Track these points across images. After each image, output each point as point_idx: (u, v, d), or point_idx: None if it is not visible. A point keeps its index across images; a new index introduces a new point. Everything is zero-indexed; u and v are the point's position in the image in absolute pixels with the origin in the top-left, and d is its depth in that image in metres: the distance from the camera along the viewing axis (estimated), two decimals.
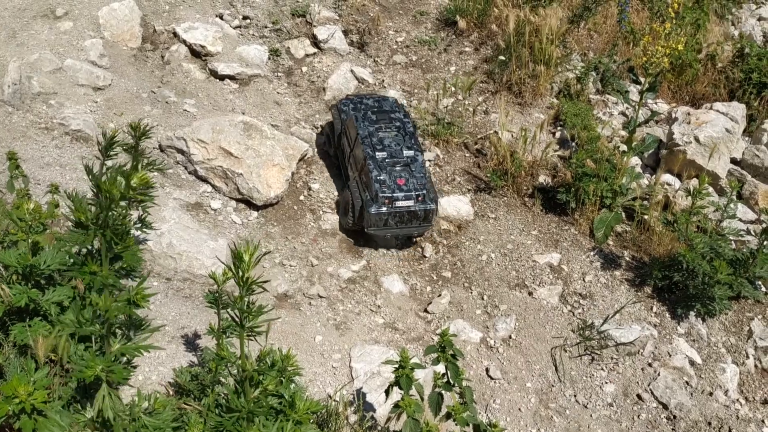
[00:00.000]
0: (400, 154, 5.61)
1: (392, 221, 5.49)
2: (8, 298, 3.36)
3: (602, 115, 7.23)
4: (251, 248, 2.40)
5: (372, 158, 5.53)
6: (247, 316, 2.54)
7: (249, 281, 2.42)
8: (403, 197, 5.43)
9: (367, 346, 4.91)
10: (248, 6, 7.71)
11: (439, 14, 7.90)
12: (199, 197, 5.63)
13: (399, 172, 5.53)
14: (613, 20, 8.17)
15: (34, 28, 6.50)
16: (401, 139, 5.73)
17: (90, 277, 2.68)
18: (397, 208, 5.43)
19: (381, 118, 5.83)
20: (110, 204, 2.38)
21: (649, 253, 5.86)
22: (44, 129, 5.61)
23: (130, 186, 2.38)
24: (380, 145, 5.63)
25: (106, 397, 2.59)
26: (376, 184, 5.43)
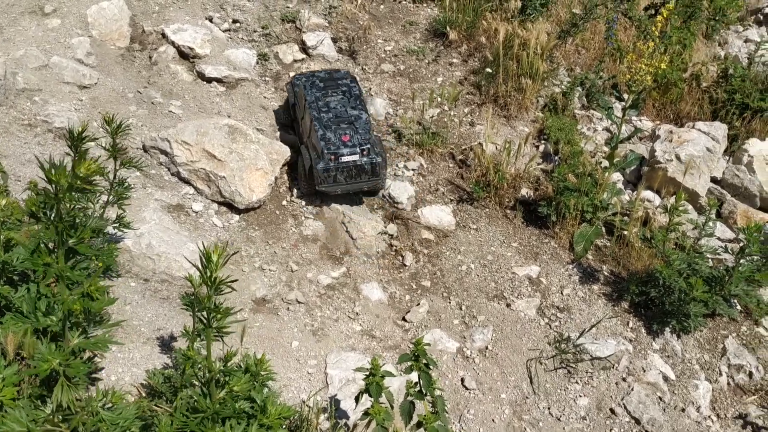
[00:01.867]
0: (345, 114, 5.91)
1: (341, 177, 5.72)
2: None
3: (586, 130, 7.29)
4: (219, 249, 2.41)
5: (317, 119, 5.83)
6: (215, 317, 2.54)
7: (217, 281, 2.43)
8: (348, 152, 5.68)
9: (344, 353, 4.91)
10: (238, 10, 7.73)
11: (428, 25, 7.95)
12: (181, 199, 5.63)
13: (344, 129, 5.79)
14: (601, 37, 8.25)
15: (21, 24, 6.48)
16: (347, 101, 6.04)
17: (44, 268, 2.66)
18: (343, 163, 5.66)
19: (329, 86, 6.16)
20: (58, 194, 2.36)
21: (627, 269, 5.91)
22: (27, 125, 5.59)
23: (77, 175, 2.36)
24: (326, 107, 5.95)
25: (64, 390, 2.58)
26: (322, 142, 5.68)
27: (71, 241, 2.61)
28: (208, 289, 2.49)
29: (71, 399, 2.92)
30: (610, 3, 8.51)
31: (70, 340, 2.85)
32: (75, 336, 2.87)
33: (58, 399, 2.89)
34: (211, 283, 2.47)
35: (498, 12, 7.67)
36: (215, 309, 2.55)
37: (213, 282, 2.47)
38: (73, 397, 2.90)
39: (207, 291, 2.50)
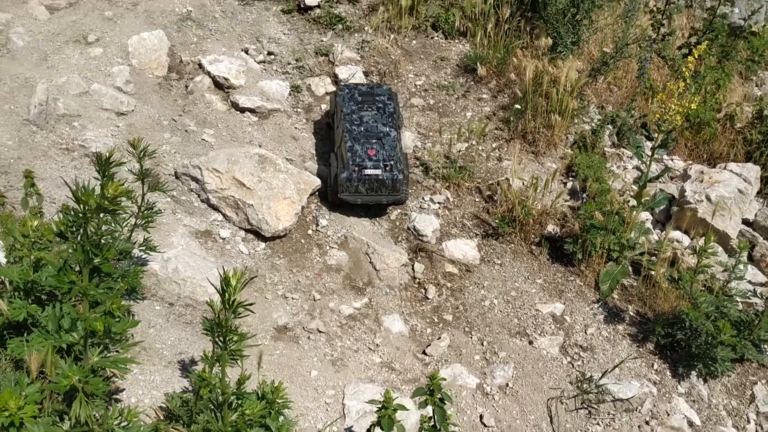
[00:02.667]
0: (375, 129, 6.17)
1: (362, 188, 5.99)
2: (7, 313, 3.44)
3: (616, 168, 7.25)
4: (239, 274, 2.47)
5: (349, 131, 6.11)
6: (231, 339, 2.58)
7: (235, 304, 2.48)
8: (371, 166, 5.96)
9: (362, 384, 4.91)
10: (274, 42, 7.92)
11: (459, 61, 8.03)
12: (210, 225, 5.73)
13: (372, 144, 6.05)
14: (634, 75, 8.25)
15: (65, 52, 6.74)
16: (379, 117, 6.28)
17: (69, 285, 2.74)
18: (365, 176, 5.94)
19: (366, 100, 6.41)
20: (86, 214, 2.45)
21: (653, 309, 5.82)
22: (65, 150, 5.78)
23: (105, 196, 2.45)
24: (359, 121, 6.21)
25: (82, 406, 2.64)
26: (348, 153, 5.97)
27: (96, 261, 2.70)
28: (226, 312, 2.54)
29: (89, 415, 2.98)
30: (643, 42, 8.51)
31: (90, 358, 2.91)
32: (95, 354, 2.94)
33: (76, 414, 2.95)
34: (229, 306, 2.52)
35: (528, 49, 7.72)
36: (232, 332, 2.59)
37: (231, 305, 2.51)
38: (90, 413, 2.96)
39: (225, 314, 2.55)
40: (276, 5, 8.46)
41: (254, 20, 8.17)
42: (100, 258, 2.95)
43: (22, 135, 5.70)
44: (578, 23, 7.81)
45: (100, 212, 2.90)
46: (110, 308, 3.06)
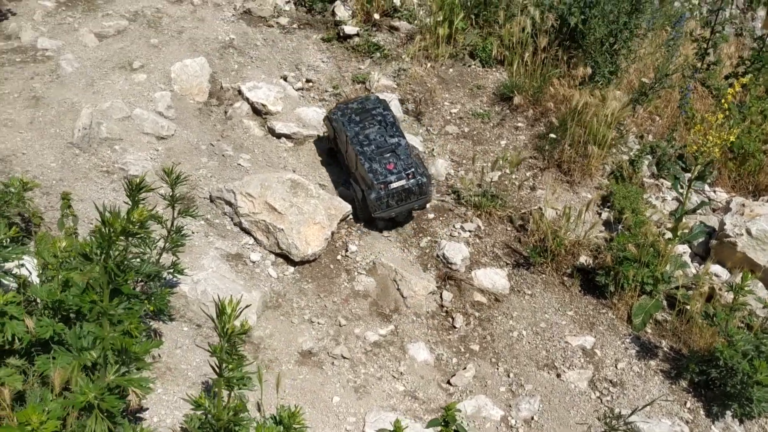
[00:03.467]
0: (384, 143, 6.29)
1: (392, 201, 6.14)
2: (33, 330, 3.55)
3: (655, 199, 7.11)
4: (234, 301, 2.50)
5: (362, 153, 6.20)
6: (227, 366, 2.61)
7: (229, 332, 2.51)
8: (395, 179, 6.10)
9: (384, 412, 4.88)
10: (312, 70, 8.07)
11: (495, 89, 8.03)
12: (241, 248, 5.82)
13: (387, 159, 6.18)
14: (675, 105, 8.11)
15: (111, 78, 7.00)
16: (384, 130, 6.37)
17: (90, 305, 2.83)
18: (392, 190, 6.08)
19: (364, 117, 6.48)
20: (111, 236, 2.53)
21: (688, 345, 5.65)
22: (105, 172, 5.97)
23: (130, 220, 2.53)
24: (366, 140, 6.29)
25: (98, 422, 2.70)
26: (370, 174, 6.06)
27: (117, 281, 2.78)
28: (221, 339, 2.57)
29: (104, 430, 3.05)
30: (686, 71, 8.38)
31: (107, 376, 2.98)
32: (111, 372, 3.01)
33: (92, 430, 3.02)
34: (223, 334, 2.55)
35: (566, 78, 7.68)
36: (227, 360, 2.63)
37: (225, 333, 2.55)
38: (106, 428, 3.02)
39: (220, 342, 2.58)
40: (316, 34, 8.64)
41: (294, 48, 8.35)
42: (121, 279, 3.04)
43: (66, 157, 5.92)
44: (617, 52, 7.74)
45: (125, 235, 2.99)
46: (128, 328, 3.14)
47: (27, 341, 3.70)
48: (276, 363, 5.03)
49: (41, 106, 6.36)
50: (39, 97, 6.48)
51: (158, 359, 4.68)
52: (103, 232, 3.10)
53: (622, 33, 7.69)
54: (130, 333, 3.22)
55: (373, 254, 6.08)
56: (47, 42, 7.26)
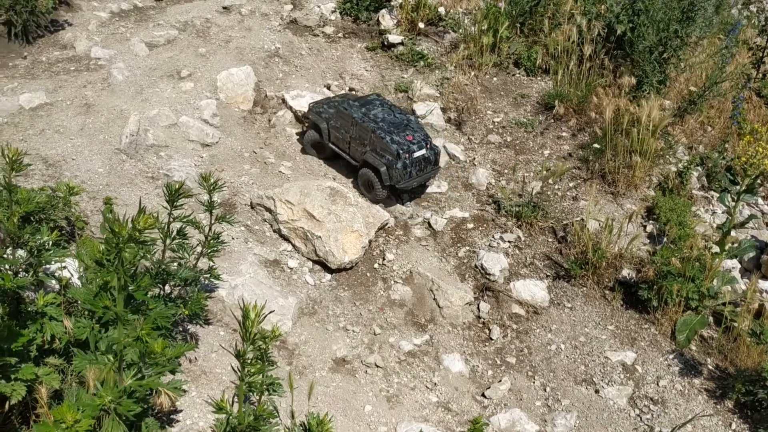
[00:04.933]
0: (395, 120, 6.58)
1: (414, 171, 6.44)
2: (71, 331, 3.65)
3: (704, 212, 6.90)
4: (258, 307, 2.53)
5: (379, 128, 6.43)
6: (249, 371, 2.64)
7: (252, 337, 2.53)
8: (417, 148, 6.41)
9: (415, 423, 4.85)
10: (356, 78, 8.12)
11: (539, 98, 7.94)
12: (279, 255, 5.88)
13: (405, 131, 6.47)
14: (728, 115, 7.87)
15: (159, 86, 7.19)
16: (389, 110, 6.70)
17: (103, 310, 2.89)
18: (415, 158, 6.39)
19: (363, 104, 6.77)
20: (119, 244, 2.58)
21: (735, 364, 5.45)
22: (150, 178, 6.13)
23: (136, 228, 2.58)
24: (376, 118, 6.56)
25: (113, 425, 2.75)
26: (394, 145, 6.32)
27: (130, 288, 2.83)
28: (244, 344, 2.60)
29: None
30: (739, 80, 8.13)
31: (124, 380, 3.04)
32: (129, 376, 3.06)
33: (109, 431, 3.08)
34: (247, 338, 2.58)
35: (611, 87, 7.53)
36: (250, 364, 2.65)
37: (248, 337, 2.58)
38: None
39: (243, 346, 2.61)
40: (361, 42, 8.70)
41: (339, 57, 8.42)
42: (134, 286, 3.10)
43: (113, 163, 6.09)
44: (666, 61, 7.55)
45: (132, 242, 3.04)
46: (141, 334, 3.19)
47: (65, 341, 3.82)
48: (310, 369, 5.06)
49: (92, 113, 6.57)
50: (90, 104, 6.69)
51: (194, 362, 4.76)
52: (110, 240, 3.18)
53: (672, 41, 7.51)
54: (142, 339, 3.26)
55: (410, 263, 6.06)
56: (100, 51, 7.51)
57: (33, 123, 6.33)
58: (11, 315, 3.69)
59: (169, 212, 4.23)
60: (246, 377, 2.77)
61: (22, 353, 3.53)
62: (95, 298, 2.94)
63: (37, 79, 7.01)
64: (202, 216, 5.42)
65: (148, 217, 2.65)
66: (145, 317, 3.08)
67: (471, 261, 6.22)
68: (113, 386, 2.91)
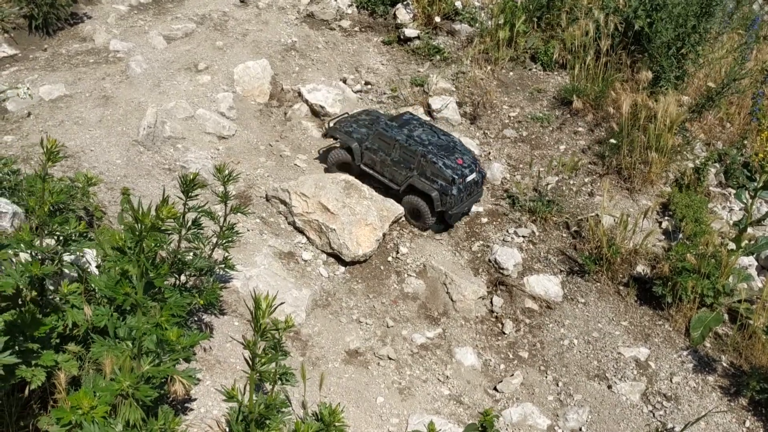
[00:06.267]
0: (440, 141, 6.30)
1: (464, 196, 6.18)
2: (91, 318, 3.71)
3: (721, 209, 6.85)
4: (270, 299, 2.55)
5: (429, 152, 6.14)
6: (260, 360, 2.67)
7: (263, 327, 2.57)
8: (468, 172, 6.16)
9: (427, 415, 4.88)
10: (372, 72, 8.14)
11: (556, 93, 7.91)
12: (293, 247, 5.93)
13: (453, 154, 6.21)
14: (747, 111, 7.80)
15: (176, 78, 7.25)
16: (429, 130, 6.42)
17: (123, 297, 2.93)
18: (467, 183, 6.15)
19: (402, 124, 6.49)
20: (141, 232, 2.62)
21: (749, 362, 5.42)
22: (167, 169, 6.19)
23: (159, 217, 2.62)
24: (420, 140, 6.28)
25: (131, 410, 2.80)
26: (448, 170, 6.05)
27: (151, 275, 2.88)
28: (254, 334, 2.63)
29: (137, 419, 3.16)
30: (759, 76, 8.04)
31: (142, 366, 3.09)
32: (147, 363, 3.11)
33: (124, 417, 3.14)
34: (257, 329, 2.61)
35: (628, 83, 7.49)
36: (260, 355, 2.69)
37: (259, 328, 2.61)
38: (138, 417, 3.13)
39: (254, 336, 2.65)
40: (377, 36, 8.71)
41: (355, 51, 8.44)
42: (154, 273, 3.14)
43: (131, 155, 6.16)
44: (684, 57, 7.49)
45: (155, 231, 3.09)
46: (160, 321, 3.24)
47: (84, 328, 3.88)
48: (323, 361, 5.10)
49: (110, 105, 6.64)
50: (108, 96, 6.77)
51: (209, 352, 4.82)
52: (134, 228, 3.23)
53: (691, 37, 7.45)
54: (161, 325, 3.32)
55: (423, 257, 6.08)
56: (119, 44, 7.58)
57: (53, 114, 6.41)
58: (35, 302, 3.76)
59: (184, 202, 4.28)
60: (257, 367, 2.81)
61: (43, 340, 3.60)
62: (116, 285, 2.99)
63: (57, 71, 7.10)
64: (217, 207, 5.47)
65: (171, 207, 2.70)
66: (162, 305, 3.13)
67: (485, 255, 6.23)
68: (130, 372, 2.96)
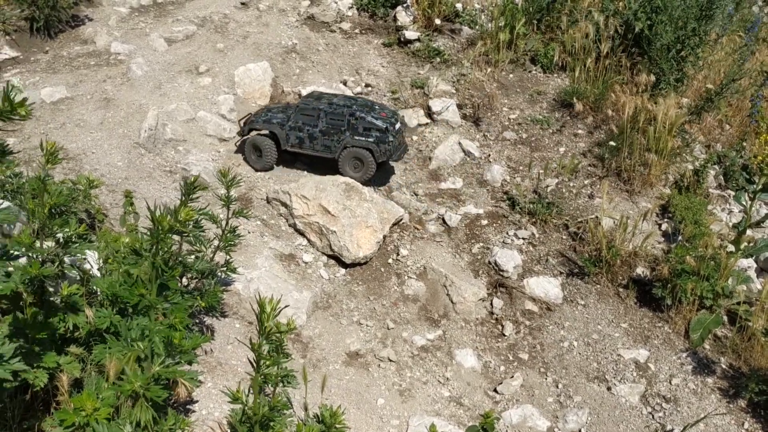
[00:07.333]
0: (362, 102, 6.68)
1: (396, 142, 6.57)
2: (93, 320, 3.73)
3: (720, 211, 6.87)
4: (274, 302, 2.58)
5: (356, 109, 6.49)
6: (265, 362, 2.69)
7: (268, 330, 2.59)
8: (395, 121, 6.59)
9: (427, 417, 4.90)
10: (372, 74, 8.16)
11: (556, 95, 7.93)
12: (294, 249, 5.95)
13: (375, 110, 6.54)
14: (747, 113, 7.83)
15: (177, 81, 7.27)
16: (345, 97, 6.79)
17: (138, 298, 2.96)
18: (397, 131, 6.58)
19: (317, 97, 6.74)
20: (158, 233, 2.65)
21: (749, 364, 5.43)
22: (168, 172, 6.21)
23: (178, 219, 2.65)
24: (345, 104, 6.57)
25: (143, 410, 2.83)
26: (378, 122, 6.43)
27: (164, 277, 2.90)
28: (259, 336, 2.65)
29: (148, 419, 3.19)
30: (758, 78, 8.07)
31: (153, 367, 3.12)
32: (157, 364, 3.14)
33: (137, 417, 3.17)
34: (263, 332, 2.63)
35: (628, 85, 7.52)
36: (265, 357, 2.71)
37: (264, 330, 2.63)
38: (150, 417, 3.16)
39: (259, 339, 2.67)
40: (377, 38, 8.73)
41: (355, 53, 8.46)
42: (168, 275, 3.16)
43: (132, 157, 6.18)
44: (684, 59, 7.52)
45: (173, 233, 3.11)
46: (173, 322, 3.26)
47: (86, 331, 3.90)
48: (323, 363, 5.12)
49: (111, 107, 6.67)
50: (110, 98, 6.79)
51: (210, 354, 4.84)
52: (152, 230, 3.26)
53: (690, 39, 7.47)
54: (175, 326, 3.34)
55: (424, 259, 6.10)
56: (120, 46, 7.60)
57: (54, 117, 6.43)
58: (36, 305, 3.77)
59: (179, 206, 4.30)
60: (261, 369, 2.83)
61: (45, 342, 3.62)
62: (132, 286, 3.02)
63: (58, 73, 7.12)
64: (219, 210, 5.49)
65: (189, 209, 2.73)
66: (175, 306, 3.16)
67: (485, 257, 6.25)
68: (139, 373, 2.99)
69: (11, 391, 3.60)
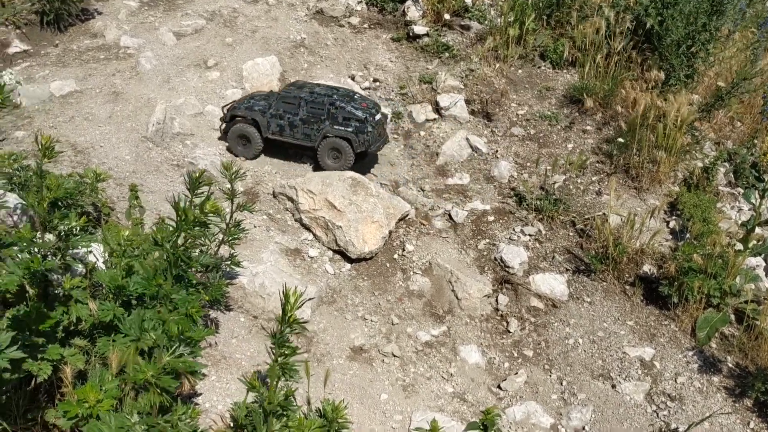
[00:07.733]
0: (343, 92, 6.66)
1: (375, 132, 6.55)
2: (96, 313, 3.76)
3: (729, 209, 6.82)
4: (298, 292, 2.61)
5: (336, 99, 6.51)
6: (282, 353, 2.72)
7: (291, 320, 2.61)
8: (375, 111, 6.58)
9: (431, 412, 4.90)
10: (380, 69, 8.15)
11: (565, 91, 7.89)
12: (300, 244, 5.96)
13: (355, 100, 6.56)
14: (758, 110, 7.75)
15: (186, 75, 7.29)
16: (326, 87, 6.79)
17: (156, 288, 2.98)
18: (377, 121, 6.55)
19: (299, 87, 6.77)
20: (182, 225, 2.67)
21: (755, 363, 5.40)
22: (175, 165, 6.23)
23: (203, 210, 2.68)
24: (326, 93, 6.58)
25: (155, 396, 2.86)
26: (358, 111, 6.44)
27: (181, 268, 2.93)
28: (281, 325, 2.68)
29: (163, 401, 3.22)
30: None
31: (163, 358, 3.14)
32: (168, 354, 3.16)
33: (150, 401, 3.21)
34: (285, 321, 2.66)
35: (638, 81, 7.46)
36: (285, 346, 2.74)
37: (288, 321, 2.66)
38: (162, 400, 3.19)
39: (281, 327, 2.70)
40: (386, 33, 8.72)
41: (364, 48, 8.45)
42: (185, 266, 3.19)
43: (139, 151, 6.21)
44: (694, 55, 7.45)
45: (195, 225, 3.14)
46: (190, 311, 3.29)
47: (90, 323, 3.93)
48: (327, 357, 5.13)
49: (120, 101, 6.69)
50: (118, 92, 6.82)
51: (214, 347, 4.86)
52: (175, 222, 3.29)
53: (701, 35, 7.40)
54: (192, 316, 3.37)
55: (429, 254, 6.10)
56: (129, 40, 7.63)
57: (63, 110, 6.47)
58: (39, 297, 3.81)
59: (191, 199, 4.32)
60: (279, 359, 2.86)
61: (49, 334, 3.65)
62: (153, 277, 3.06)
63: (68, 67, 7.15)
64: (225, 204, 5.51)
65: (214, 202, 2.76)
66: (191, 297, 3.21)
67: (491, 253, 6.24)
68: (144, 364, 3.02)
69: (15, 383, 3.64)
